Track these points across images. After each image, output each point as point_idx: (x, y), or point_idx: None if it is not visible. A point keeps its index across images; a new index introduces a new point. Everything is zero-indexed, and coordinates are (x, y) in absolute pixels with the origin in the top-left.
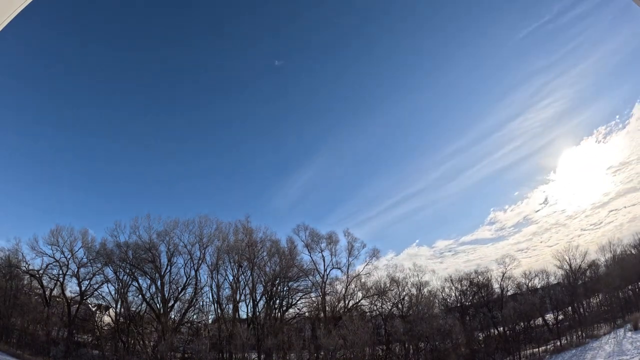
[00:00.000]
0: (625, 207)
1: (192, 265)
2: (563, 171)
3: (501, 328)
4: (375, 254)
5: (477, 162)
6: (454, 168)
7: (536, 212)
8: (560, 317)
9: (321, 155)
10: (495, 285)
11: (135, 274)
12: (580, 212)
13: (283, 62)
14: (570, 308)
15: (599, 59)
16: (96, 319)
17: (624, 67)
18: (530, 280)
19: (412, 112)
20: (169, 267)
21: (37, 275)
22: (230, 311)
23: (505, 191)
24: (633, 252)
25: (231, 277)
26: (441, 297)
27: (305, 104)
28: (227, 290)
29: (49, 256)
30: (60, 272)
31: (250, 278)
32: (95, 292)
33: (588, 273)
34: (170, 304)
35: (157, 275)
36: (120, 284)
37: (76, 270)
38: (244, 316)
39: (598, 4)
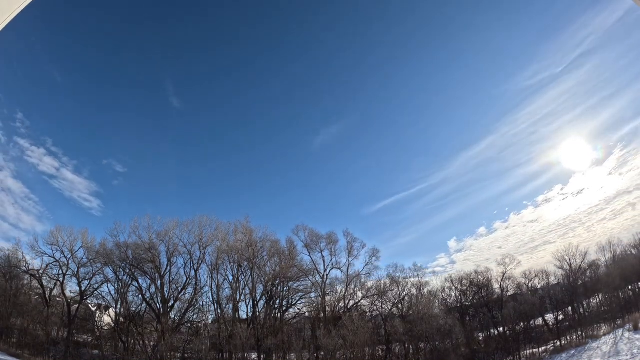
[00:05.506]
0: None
1: (192, 265)
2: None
3: (501, 328)
4: (375, 254)
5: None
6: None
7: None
8: (560, 317)
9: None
10: (496, 286)
11: (135, 274)
12: None
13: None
14: (570, 308)
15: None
16: (96, 319)
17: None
18: (530, 281)
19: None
20: (168, 267)
21: (37, 275)
22: (230, 311)
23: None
24: (633, 252)
25: (231, 277)
26: (441, 297)
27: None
28: (227, 290)
29: (49, 256)
30: (60, 272)
31: (250, 278)
32: (95, 292)
33: (588, 273)
34: (170, 304)
35: (157, 275)
36: (120, 284)
37: (76, 270)
38: (244, 316)
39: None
